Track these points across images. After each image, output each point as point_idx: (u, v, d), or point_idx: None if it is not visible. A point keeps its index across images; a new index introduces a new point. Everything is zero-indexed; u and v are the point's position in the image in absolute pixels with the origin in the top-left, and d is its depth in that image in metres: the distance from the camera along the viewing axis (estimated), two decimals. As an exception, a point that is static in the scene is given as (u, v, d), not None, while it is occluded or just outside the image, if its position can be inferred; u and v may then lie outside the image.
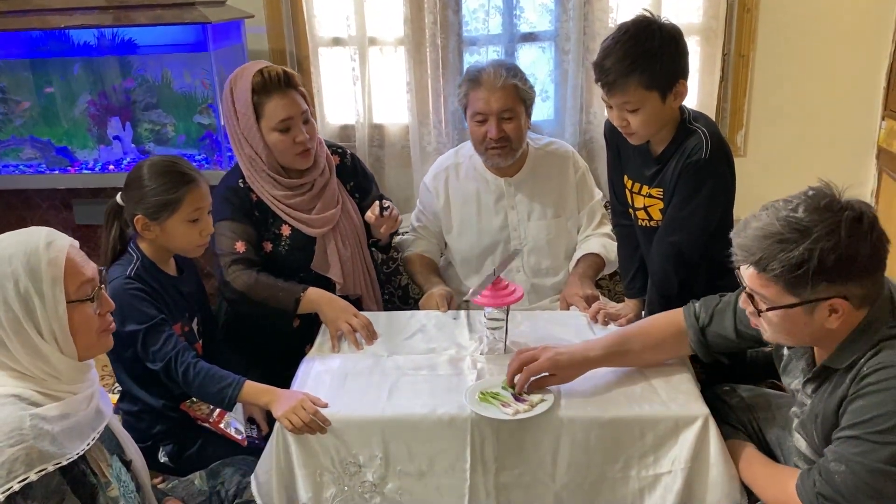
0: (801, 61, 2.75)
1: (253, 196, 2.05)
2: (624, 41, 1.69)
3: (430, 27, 2.67)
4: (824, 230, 1.24)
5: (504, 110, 2.13)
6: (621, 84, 1.69)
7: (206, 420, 1.84)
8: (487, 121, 2.15)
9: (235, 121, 2.00)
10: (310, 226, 2.07)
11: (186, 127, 2.68)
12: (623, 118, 1.76)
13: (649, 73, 1.68)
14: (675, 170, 1.79)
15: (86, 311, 1.32)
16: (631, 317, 1.96)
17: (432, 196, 2.35)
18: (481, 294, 1.75)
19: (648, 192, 1.90)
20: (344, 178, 2.20)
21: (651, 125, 1.76)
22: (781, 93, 2.79)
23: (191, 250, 1.85)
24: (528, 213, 2.29)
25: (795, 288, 1.28)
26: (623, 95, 1.71)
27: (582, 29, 2.67)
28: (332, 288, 2.11)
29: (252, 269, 2.00)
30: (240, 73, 1.99)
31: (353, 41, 2.73)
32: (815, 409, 1.42)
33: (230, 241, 2.01)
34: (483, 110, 2.14)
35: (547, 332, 1.91)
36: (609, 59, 1.70)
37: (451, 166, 2.35)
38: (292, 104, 1.98)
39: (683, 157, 1.77)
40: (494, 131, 2.14)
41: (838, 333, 1.35)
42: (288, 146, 1.99)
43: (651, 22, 1.71)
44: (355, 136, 2.86)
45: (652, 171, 1.87)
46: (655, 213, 1.91)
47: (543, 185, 2.30)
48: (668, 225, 1.85)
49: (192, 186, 1.77)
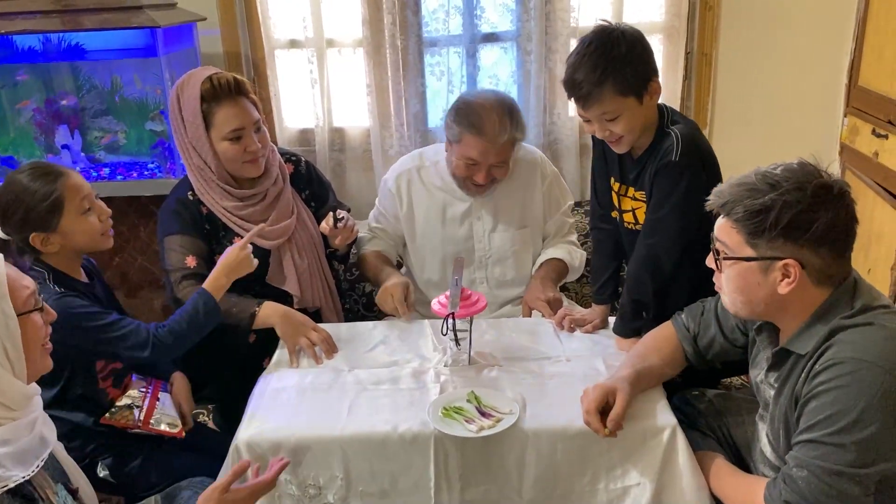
0: (763, 59, 2.75)
1: (203, 208, 1.98)
2: (590, 53, 1.66)
3: (389, 28, 2.62)
4: (792, 185, 1.28)
5: (500, 161, 2.07)
6: (596, 95, 1.66)
7: (134, 426, 1.78)
8: (479, 166, 2.06)
9: (183, 130, 1.93)
10: (263, 238, 2.00)
11: (138, 134, 2.59)
12: (605, 129, 1.73)
13: (622, 78, 1.66)
14: (651, 172, 1.77)
15: (36, 322, 1.27)
16: (597, 323, 1.93)
17: (394, 199, 2.26)
18: (442, 304, 1.70)
19: (634, 195, 1.88)
20: (299, 187, 2.14)
21: (634, 130, 1.74)
22: (745, 90, 2.78)
23: (100, 241, 1.77)
24: (494, 224, 2.22)
25: (754, 238, 1.31)
26: (600, 106, 1.68)
27: (543, 29, 2.64)
28: (289, 301, 2.05)
29: None
30: (187, 80, 1.91)
31: (310, 43, 2.68)
32: (780, 407, 1.40)
33: (180, 256, 1.94)
34: (478, 160, 2.05)
35: (512, 341, 1.86)
36: (579, 72, 1.67)
37: (414, 169, 2.26)
38: (244, 113, 1.91)
39: (657, 160, 1.75)
40: (483, 177, 2.08)
41: (796, 310, 1.35)
42: (237, 155, 1.92)
43: (612, 29, 1.68)
44: (315, 140, 2.81)
45: (633, 173, 1.85)
46: (642, 216, 1.88)
47: (510, 195, 2.22)
48: (645, 227, 1.83)
49: (64, 179, 1.69)
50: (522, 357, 1.78)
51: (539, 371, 1.72)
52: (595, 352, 1.82)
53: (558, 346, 1.84)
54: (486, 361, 1.76)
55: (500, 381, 1.67)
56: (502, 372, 1.71)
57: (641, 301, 1.82)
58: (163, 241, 1.96)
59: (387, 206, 2.29)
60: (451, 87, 2.71)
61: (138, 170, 2.60)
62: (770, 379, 1.46)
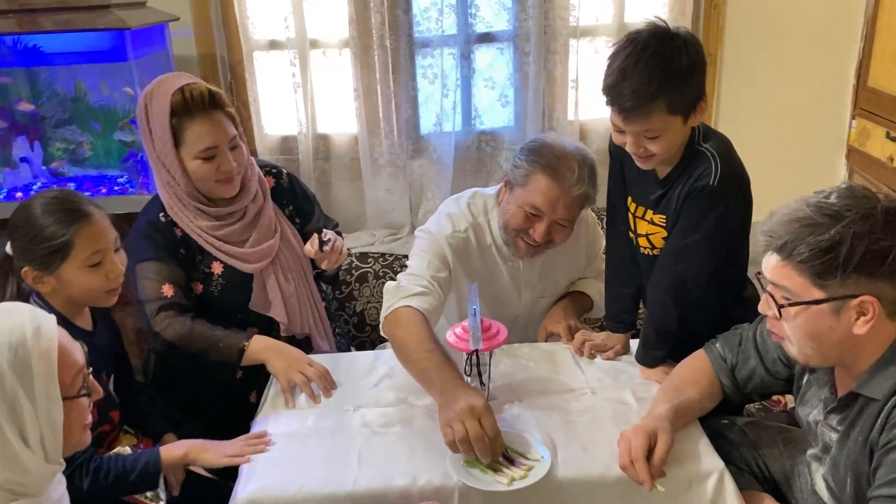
0: (770, 59, 2.66)
1: (177, 231, 1.80)
2: (646, 59, 1.43)
3: (378, 28, 2.47)
4: (858, 215, 1.16)
5: (566, 219, 1.77)
6: (644, 110, 1.46)
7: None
8: (540, 219, 1.76)
9: (151, 142, 1.75)
10: (244, 261, 1.83)
11: (106, 145, 2.38)
12: (640, 145, 1.54)
13: (677, 96, 1.45)
14: (681, 195, 1.60)
15: (81, 407, 1.14)
16: (619, 349, 1.80)
17: (443, 255, 1.82)
18: (459, 337, 1.54)
19: (651, 219, 1.72)
20: (281, 202, 1.96)
21: (671, 150, 1.56)
22: (750, 91, 2.68)
23: (101, 299, 1.56)
24: (542, 290, 1.97)
25: (823, 278, 1.17)
26: (644, 123, 1.49)
27: (542, 28, 2.51)
28: (275, 328, 1.88)
29: (184, 316, 1.75)
30: (156, 89, 1.72)
31: (292, 44, 2.51)
32: (848, 454, 1.27)
33: (156, 285, 1.75)
34: (543, 208, 1.74)
35: (530, 371, 1.71)
36: (630, 80, 1.44)
37: (471, 229, 1.86)
38: (218, 130, 1.73)
39: (690, 182, 1.58)
40: (542, 234, 1.76)
41: (868, 350, 1.22)
42: (209, 174, 1.75)
43: (673, 35, 1.46)
44: (298, 148, 2.64)
45: (656, 194, 1.68)
46: (658, 242, 1.73)
47: (557, 256, 1.93)
48: (670, 253, 1.67)
49: (83, 224, 1.48)
50: (544, 390, 1.63)
51: (564, 406, 1.57)
52: (621, 382, 1.68)
53: (580, 376, 1.69)
54: (506, 396, 1.60)
55: (524, 420, 1.52)
56: (525, 408, 1.56)
57: (666, 330, 1.69)
58: (135, 269, 1.76)
59: (436, 261, 1.81)
60: (444, 91, 2.57)
61: (107, 185, 2.39)
62: (832, 421, 1.32)
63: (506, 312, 1.95)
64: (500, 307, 1.94)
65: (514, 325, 1.97)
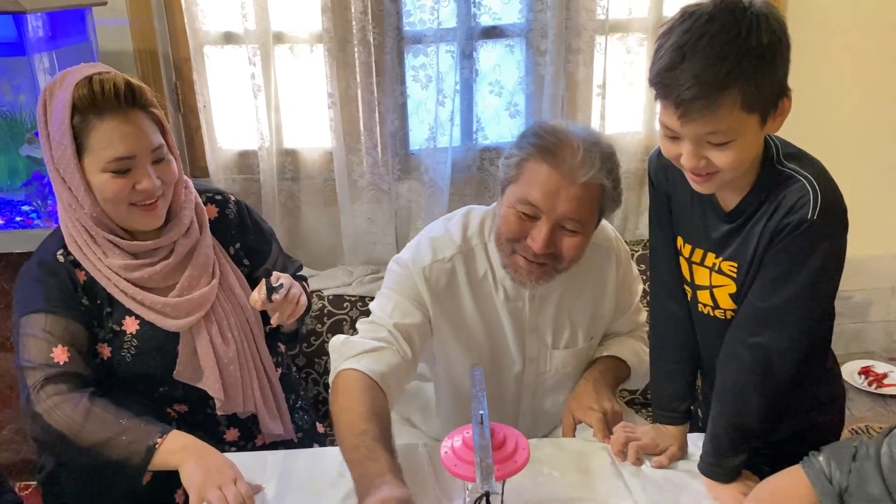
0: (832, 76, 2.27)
1: (79, 273, 1.40)
2: (713, 34, 1.06)
3: (359, 18, 2.02)
4: None
5: (571, 218, 1.34)
6: (711, 102, 1.08)
7: None
8: (538, 220, 1.35)
9: (49, 151, 1.36)
10: (168, 315, 1.43)
11: (9, 163, 1.88)
12: (699, 156, 1.15)
13: (755, 84, 1.08)
14: (764, 233, 1.20)
15: None
16: (674, 452, 1.36)
17: (418, 293, 1.45)
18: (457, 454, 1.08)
19: (716, 265, 1.29)
20: (225, 238, 1.56)
21: (742, 165, 1.17)
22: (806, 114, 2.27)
23: None
24: (554, 337, 1.54)
25: None
26: (711, 121, 1.09)
27: (563, 22, 2.06)
28: (209, 404, 1.48)
29: (79, 393, 1.34)
30: (59, 82, 1.36)
31: (251, 37, 2.05)
32: None
33: (43, 347, 1.35)
34: (539, 203, 1.33)
35: (555, 487, 1.25)
36: (690, 63, 1.07)
37: (459, 255, 1.47)
38: (136, 134, 1.34)
39: (777, 215, 1.18)
40: (542, 242, 1.34)
41: None
42: (121, 194, 1.35)
43: (746, 6, 1.08)
44: (259, 166, 2.18)
45: (721, 232, 1.27)
46: (724, 299, 1.30)
47: (577, 295, 1.53)
48: (749, 319, 1.25)
49: None
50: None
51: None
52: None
53: (624, 493, 1.26)
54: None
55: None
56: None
57: (744, 427, 1.27)
58: (19, 324, 1.38)
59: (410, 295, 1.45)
60: (440, 97, 2.12)
61: (7, 214, 1.89)
62: None
63: (504, 368, 1.54)
64: (497, 361, 1.53)
65: (514, 386, 1.54)
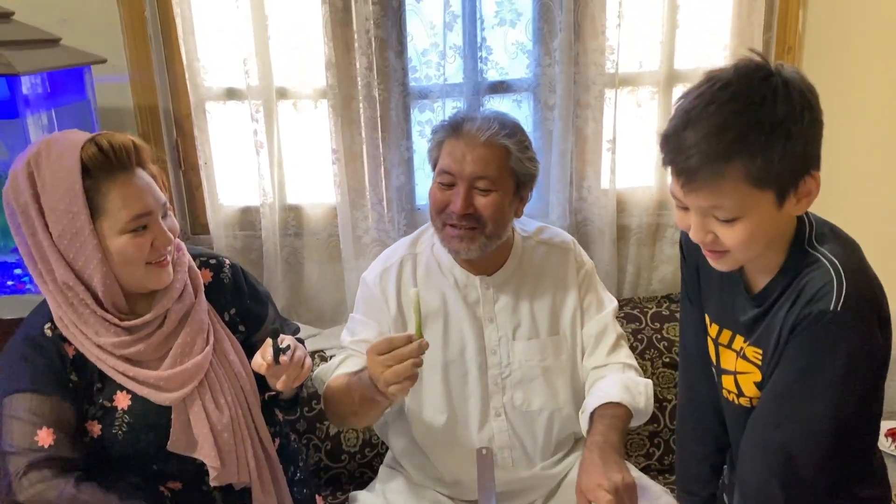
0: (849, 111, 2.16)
1: (68, 348, 1.34)
2: (723, 101, 1.01)
3: (364, 74, 1.97)
4: None
5: (480, 177, 1.53)
6: (711, 173, 1.02)
7: None
8: (455, 185, 1.54)
9: (39, 227, 1.28)
10: (162, 389, 1.37)
11: (1, 224, 1.82)
12: (706, 230, 1.10)
13: (763, 158, 1.01)
14: (786, 323, 1.12)
15: None
16: None
17: (379, 301, 1.66)
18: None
19: (743, 349, 1.21)
20: (220, 304, 1.51)
21: (753, 245, 1.09)
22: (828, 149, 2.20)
23: None
24: (513, 327, 1.65)
25: None
26: (715, 194, 1.04)
27: (571, 77, 2.00)
28: (205, 477, 1.40)
29: (64, 478, 1.29)
30: (45, 150, 1.29)
31: (254, 93, 2.00)
32: None
33: (27, 430, 1.29)
34: (452, 169, 1.54)
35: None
36: (694, 129, 1.02)
37: (406, 259, 1.69)
38: (149, 190, 1.34)
39: (800, 304, 1.10)
40: (460, 203, 1.53)
41: None
42: (141, 254, 1.32)
43: (769, 72, 1.03)
44: (261, 223, 2.12)
45: (748, 316, 1.19)
46: (748, 387, 1.22)
47: (534, 288, 1.66)
48: (770, 410, 1.17)
49: None
50: None
51: None
52: None
53: None
54: None
55: None
56: None
57: None
58: (2, 404, 1.32)
59: (369, 311, 1.68)
60: (447, 153, 2.04)
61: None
62: None
63: (467, 360, 1.63)
64: (458, 351, 1.64)
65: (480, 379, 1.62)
